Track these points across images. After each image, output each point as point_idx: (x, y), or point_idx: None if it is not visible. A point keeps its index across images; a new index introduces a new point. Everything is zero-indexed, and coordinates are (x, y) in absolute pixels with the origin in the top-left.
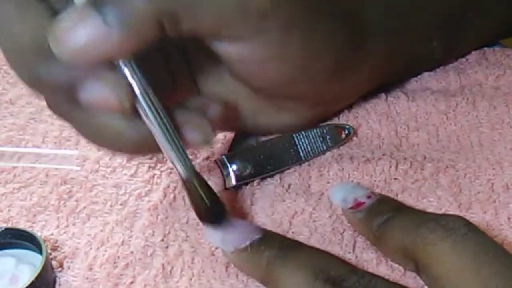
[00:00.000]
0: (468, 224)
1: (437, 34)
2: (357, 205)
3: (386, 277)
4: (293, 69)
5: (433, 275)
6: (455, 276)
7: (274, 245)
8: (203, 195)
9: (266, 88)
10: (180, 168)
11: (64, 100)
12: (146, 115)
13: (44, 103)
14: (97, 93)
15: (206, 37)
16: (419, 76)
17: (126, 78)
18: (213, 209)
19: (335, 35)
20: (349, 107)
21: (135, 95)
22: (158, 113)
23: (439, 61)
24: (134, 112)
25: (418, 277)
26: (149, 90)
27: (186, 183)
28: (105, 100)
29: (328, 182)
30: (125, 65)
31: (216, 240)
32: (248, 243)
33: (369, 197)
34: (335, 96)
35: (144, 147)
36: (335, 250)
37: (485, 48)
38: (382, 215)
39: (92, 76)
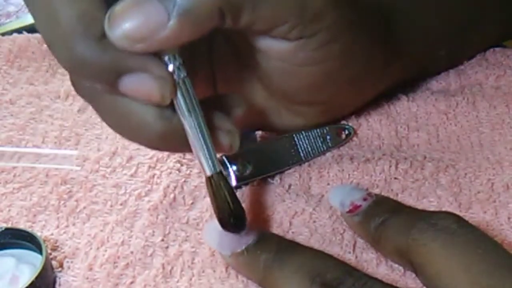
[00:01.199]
0: (458, 220)
1: (444, 45)
2: (354, 208)
3: (386, 277)
4: (325, 76)
5: (427, 276)
6: (446, 276)
7: (271, 249)
8: (228, 199)
9: (290, 93)
10: (208, 168)
11: (99, 84)
12: (184, 111)
13: (44, 103)
14: (141, 83)
15: (258, 32)
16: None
17: (171, 72)
18: (236, 213)
19: (370, 49)
20: None
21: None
22: (195, 111)
23: (444, 67)
24: (171, 106)
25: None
26: (191, 88)
27: (213, 184)
28: (147, 92)
29: (328, 184)
30: (172, 59)
31: (214, 243)
32: (244, 247)
33: (365, 199)
34: (349, 104)
35: (169, 142)
36: (335, 250)
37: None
38: (379, 217)
39: (138, 65)
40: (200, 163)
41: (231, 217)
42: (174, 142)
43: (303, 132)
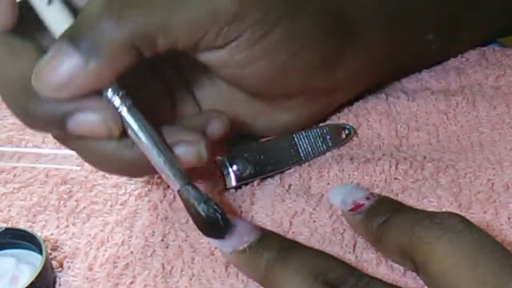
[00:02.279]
0: (463, 220)
1: (432, 27)
2: (356, 207)
3: (386, 277)
4: (279, 65)
5: (430, 274)
6: (451, 274)
7: (273, 247)
8: (199, 209)
9: (258, 88)
10: (174, 183)
11: (51, 131)
12: (137, 137)
13: None
14: (85, 122)
15: (189, 49)
16: (419, 76)
17: (112, 103)
18: (209, 222)
19: (317, 29)
20: (349, 106)
21: (122, 119)
22: (149, 134)
23: (437, 55)
24: (125, 135)
25: (418, 277)
26: (138, 114)
27: (184, 198)
28: (94, 128)
29: (328, 184)
30: (112, 92)
31: (214, 241)
32: (246, 245)
33: (368, 198)
34: (328, 89)
35: (138, 167)
36: (335, 250)
37: (485, 48)
38: (381, 216)
39: (78, 107)
40: (167, 180)
41: (206, 226)
42: (142, 166)
43: (303, 132)
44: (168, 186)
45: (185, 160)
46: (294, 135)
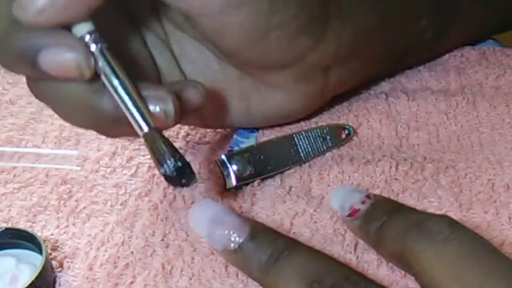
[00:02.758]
0: (451, 224)
1: (425, 13)
2: (354, 212)
3: (387, 278)
4: (259, 17)
5: (424, 283)
6: (440, 285)
7: (266, 249)
8: (168, 152)
9: (238, 49)
10: (141, 126)
11: (23, 68)
12: (108, 79)
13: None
14: (56, 57)
15: None
16: (419, 76)
17: (85, 43)
18: (178, 165)
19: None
20: (350, 106)
21: (95, 62)
22: (119, 77)
23: (432, 43)
24: (97, 81)
25: None
26: (112, 57)
27: (148, 140)
28: (64, 67)
29: (329, 185)
30: (86, 31)
31: (203, 232)
32: (236, 245)
33: (363, 202)
34: (318, 66)
35: (110, 119)
36: (336, 250)
37: (485, 48)
38: (377, 221)
39: (51, 42)
40: (134, 124)
41: (174, 170)
42: (111, 117)
43: (303, 132)
44: (168, 186)
45: (153, 117)
46: (294, 135)
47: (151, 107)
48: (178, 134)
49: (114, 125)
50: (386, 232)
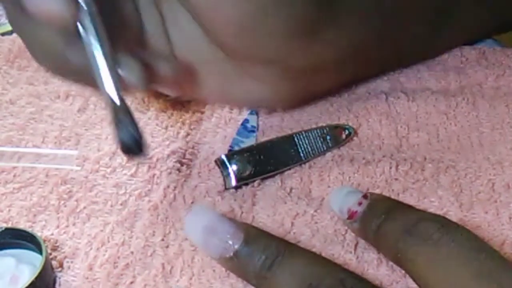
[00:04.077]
0: (441, 226)
1: (423, 18)
2: (352, 214)
3: (387, 278)
4: (250, 10)
5: (419, 286)
6: None
7: (260, 255)
8: (131, 126)
9: (226, 35)
10: (111, 95)
11: (16, 11)
12: (87, 39)
13: (44, 103)
14: (41, 1)
15: None
16: (419, 76)
17: None
18: (140, 140)
19: None
20: (349, 106)
21: (80, 15)
22: (100, 40)
23: (425, 44)
24: (76, 33)
25: None
26: (97, 21)
27: (116, 112)
28: (48, 10)
29: (329, 186)
30: None
31: (198, 242)
32: (232, 253)
33: (360, 203)
34: (306, 67)
35: (81, 74)
36: (337, 250)
37: (485, 48)
38: (375, 223)
39: None
40: (100, 86)
41: (131, 139)
42: (88, 76)
43: (303, 132)
44: (169, 186)
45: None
46: (294, 135)
47: (121, 72)
48: (178, 134)
49: (77, 77)
50: (383, 235)
